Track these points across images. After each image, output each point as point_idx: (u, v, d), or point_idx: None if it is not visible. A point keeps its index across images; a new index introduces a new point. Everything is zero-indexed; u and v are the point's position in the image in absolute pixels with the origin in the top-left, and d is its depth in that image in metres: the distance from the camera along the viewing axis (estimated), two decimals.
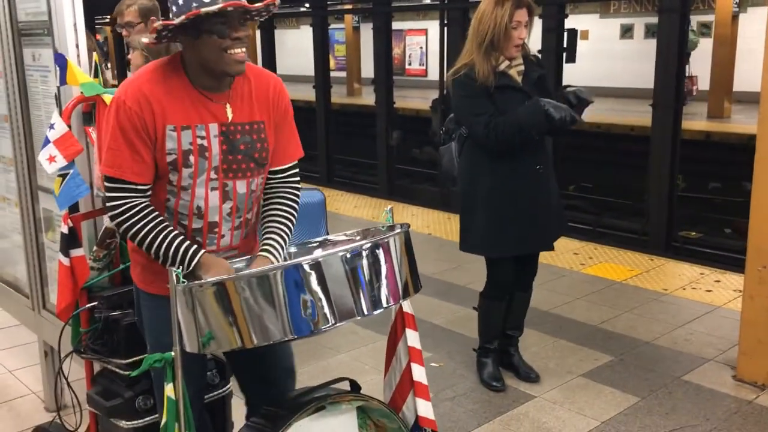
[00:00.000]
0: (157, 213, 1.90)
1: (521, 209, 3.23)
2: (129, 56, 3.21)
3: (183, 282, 1.70)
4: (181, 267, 1.83)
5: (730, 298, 4.54)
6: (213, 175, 1.91)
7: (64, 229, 2.41)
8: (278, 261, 1.97)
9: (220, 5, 1.76)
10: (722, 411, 3.23)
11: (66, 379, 2.55)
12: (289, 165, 2.09)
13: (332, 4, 16.08)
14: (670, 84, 8.28)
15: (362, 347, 3.91)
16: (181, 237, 1.90)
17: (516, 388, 3.46)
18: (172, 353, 1.75)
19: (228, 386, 2.57)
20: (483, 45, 3.11)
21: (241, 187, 1.96)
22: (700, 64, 14.00)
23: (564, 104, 3.08)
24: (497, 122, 3.09)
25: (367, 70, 15.34)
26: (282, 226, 2.04)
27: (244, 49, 1.83)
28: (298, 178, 2.12)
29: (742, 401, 3.32)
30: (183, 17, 1.76)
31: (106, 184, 1.90)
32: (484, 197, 3.25)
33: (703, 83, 13.73)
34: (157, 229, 1.88)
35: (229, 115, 1.92)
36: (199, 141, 1.88)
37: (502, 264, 3.36)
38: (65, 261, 2.40)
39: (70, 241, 2.41)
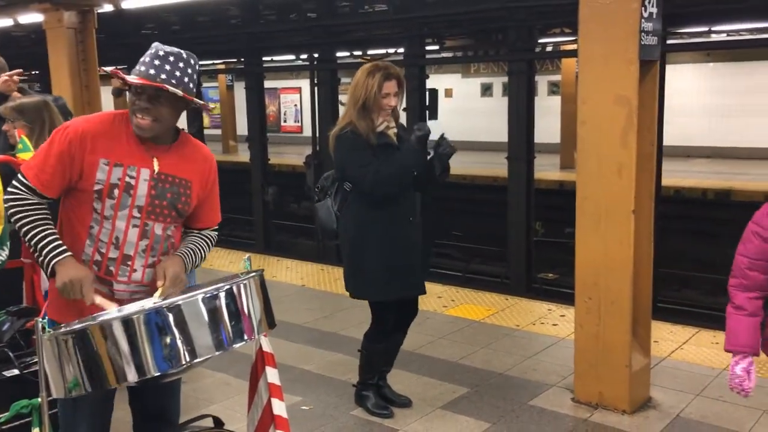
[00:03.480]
0: (45, 214, 2.16)
1: (404, 256, 3.57)
2: (5, 128, 3.26)
3: (48, 331, 1.84)
4: (44, 261, 2.08)
5: (572, 330, 5.02)
6: (136, 213, 2.19)
7: None
8: (187, 263, 2.28)
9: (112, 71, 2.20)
10: (561, 430, 3.62)
11: None
12: (208, 228, 2.47)
13: (205, 64, 16.24)
14: (522, 138, 9.05)
15: (235, 396, 4.03)
16: (56, 237, 2.14)
17: (380, 424, 3.71)
18: (39, 399, 1.87)
19: None
20: (357, 108, 3.47)
21: (158, 229, 2.24)
22: (552, 119, 15.28)
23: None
24: (381, 171, 3.42)
25: (243, 127, 15.51)
26: (195, 246, 2.38)
27: (145, 118, 2.16)
28: (215, 233, 2.51)
29: (579, 420, 3.73)
30: (116, 76, 2.17)
31: (18, 177, 2.17)
32: (368, 246, 3.54)
33: (555, 137, 14.94)
34: (38, 224, 2.13)
35: (155, 167, 2.22)
36: (127, 179, 2.18)
37: (387, 308, 3.65)
38: None
39: None
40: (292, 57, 15.93)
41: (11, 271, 2.73)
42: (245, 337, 1.98)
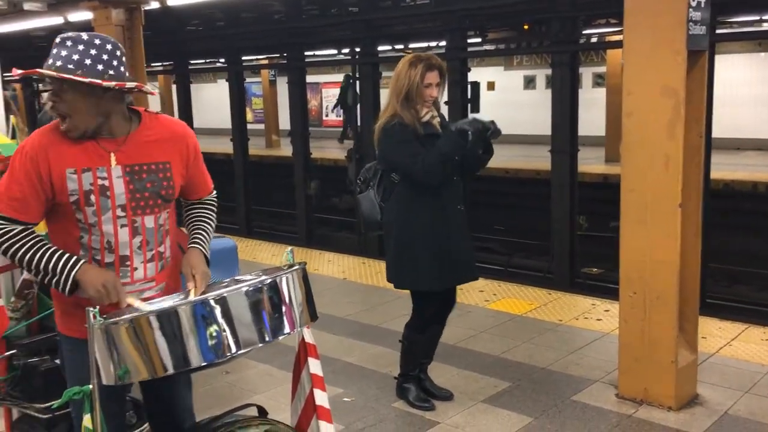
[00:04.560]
0: (36, 235, 2.10)
1: (452, 245, 3.57)
2: None
3: (100, 320, 1.89)
4: (61, 278, 2.04)
5: (617, 326, 4.95)
6: (120, 213, 2.13)
7: None
8: (207, 251, 2.28)
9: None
10: (605, 425, 3.58)
11: None
12: (206, 196, 2.43)
13: (248, 60, 16.43)
14: (565, 131, 8.93)
15: (278, 387, 4.09)
16: (60, 251, 2.08)
17: (421, 416, 3.72)
18: (90, 386, 1.93)
19: (144, 425, 2.72)
20: (400, 99, 3.49)
21: (149, 222, 2.19)
22: (597, 111, 15.04)
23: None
24: (425, 157, 3.43)
25: (285, 121, 15.64)
26: (204, 224, 2.36)
27: (56, 115, 2.09)
28: (214, 196, 2.47)
29: (623, 416, 3.68)
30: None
31: None
32: (416, 236, 3.55)
33: (600, 129, 14.70)
34: (36, 247, 2.07)
35: (113, 162, 2.12)
36: (100, 182, 2.10)
37: (430, 298, 3.66)
38: None
39: None
40: (333, 51, 16.00)
41: None
42: (288, 329, 2.01)
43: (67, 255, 2.08)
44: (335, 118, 23.16)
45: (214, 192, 2.49)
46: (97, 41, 2.06)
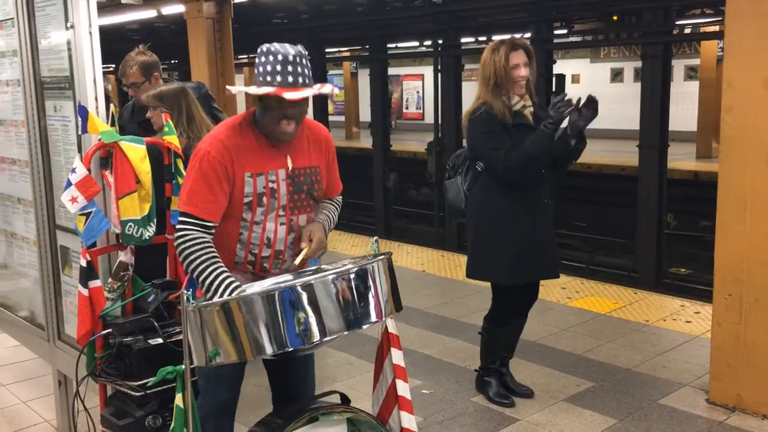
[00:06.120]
0: (212, 250, 2.19)
1: (537, 239, 3.49)
2: (148, 115, 3.47)
3: (193, 303, 1.95)
4: (214, 297, 2.10)
5: (708, 328, 4.74)
6: (281, 213, 2.28)
7: (83, 263, 2.66)
8: (327, 228, 2.40)
9: (272, 91, 2.10)
10: (694, 431, 3.44)
11: (82, 401, 2.77)
12: (334, 197, 2.57)
13: (330, 51, 16.61)
14: (655, 125, 8.63)
15: (357, 376, 4.12)
16: (226, 275, 2.16)
17: (500, 412, 3.67)
18: (183, 366, 1.99)
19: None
20: (490, 87, 3.41)
21: (302, 220, 2.34)
22: (688, 105, 14.45)
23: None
24: (510, 155, 3.34)
25: (365, 114, 15.74)
26: (330, 213, 2.49)
27: (291, 124, 2.19)
28: (340, 197, 2.61)
29: (714, 422, 3.52)
30: (259, 91, 2.12)
31: (181, 218, 2.22)
32: (499, 228, 3.48)
33: (691, 124, 14.11)
34: (208, 263, 2.16)
35: (289, 164, 2.29)
36: (270, 185, 2.25)
37: (511, 292, 3.60)
38: (84, 291, 2.65)
39: (89, 273, 2.66)
40: (415, 44, 15.97)
41: (156, 247, 2.91)
42: (374, 318, 2.01)
43: (230, 280, 2.14)
44: (415, 111, 23.17)
45: (340, 197, 2.60)
46: (304, 51, 2.21)
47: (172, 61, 17.40)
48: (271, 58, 2.14)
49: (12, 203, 3.66)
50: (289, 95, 2.09)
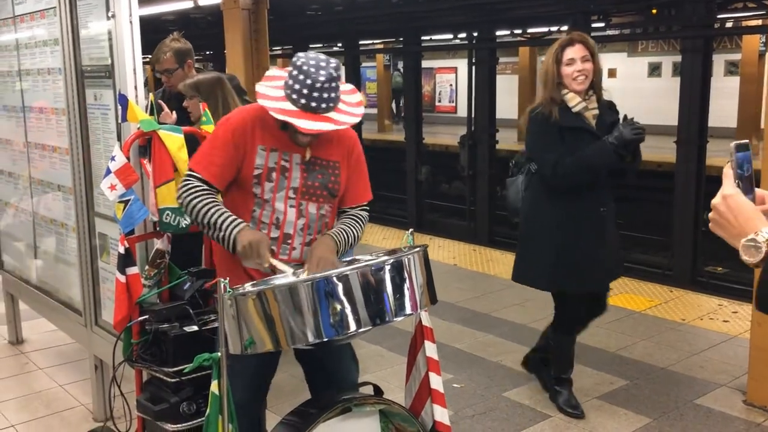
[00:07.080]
0: (216, 197, 2.28)
1: (586, 249, 3.31)
2: (185, 104, 3.49)
3: (230, 291, 1.96)
4: (224, 234, 2.19)
5: (746, 328, 4.65)
6: (291, 194, 2.29)
7: (121, 249, 2.70)
8: (339, 242, 2.33)
9: (289, 120, 2.13)
10: None
11: (119, 386, 2.81)
12: (359, 205, 2.49)
13: (364, 44, 16.59)
14: (694, 121, 8.45)
15: (388, 368, 4.12)
16: (230, 214, 2.24)
17: (533, 408, 3.64)
18: (219, 354, 2.00)
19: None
20: (547, 87, 3.30)
21: (312, 208, 2.34)
22: (728, 101, 14.13)
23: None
24: (565, 162, 3.20)
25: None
26: (346, 227, 2.41)
27: (307, 137, 2.22)
28: (366, 212, 2.53)
29: (751, 423, 3.45)
30: (277, 116, 2.14)
31: (186, 173, 2.33)
32: (543, 233, 3.38)
33: (731, 120, 13.82)
34: (211, 204, 2.25)
35: (308, 154, 2.31)
36: (282, 163, 2.28)
37: (572, 302, 3.47)
38: (122, 278, 2.68)
39: (126, 260, 2.69)
40: (449, 36, 15.86)
41: (192, 236, 2.94)
42: (409, 310, 2.00)
43: (233, 217, 2.24)
44: (448, 104, 23.05)
45: (366, 207, 2.53)
46: (339, 71, 2.27)
47: (207, 53, 17.54)
48: (301, 77, 2.13)
49: (52, 190, 3.73)
50: (305, 125, 2.11)
